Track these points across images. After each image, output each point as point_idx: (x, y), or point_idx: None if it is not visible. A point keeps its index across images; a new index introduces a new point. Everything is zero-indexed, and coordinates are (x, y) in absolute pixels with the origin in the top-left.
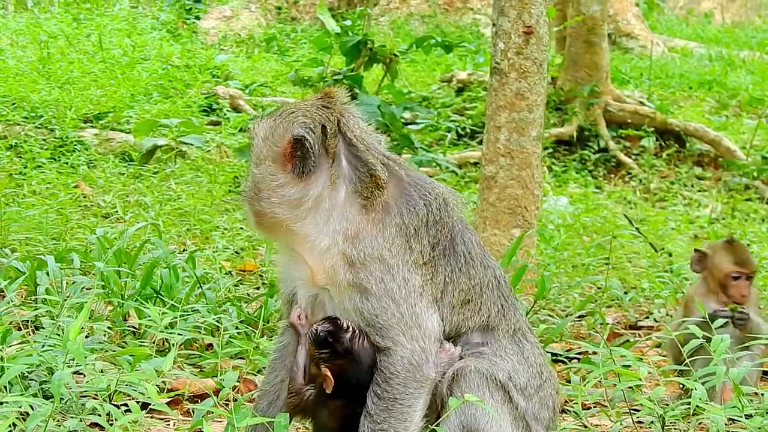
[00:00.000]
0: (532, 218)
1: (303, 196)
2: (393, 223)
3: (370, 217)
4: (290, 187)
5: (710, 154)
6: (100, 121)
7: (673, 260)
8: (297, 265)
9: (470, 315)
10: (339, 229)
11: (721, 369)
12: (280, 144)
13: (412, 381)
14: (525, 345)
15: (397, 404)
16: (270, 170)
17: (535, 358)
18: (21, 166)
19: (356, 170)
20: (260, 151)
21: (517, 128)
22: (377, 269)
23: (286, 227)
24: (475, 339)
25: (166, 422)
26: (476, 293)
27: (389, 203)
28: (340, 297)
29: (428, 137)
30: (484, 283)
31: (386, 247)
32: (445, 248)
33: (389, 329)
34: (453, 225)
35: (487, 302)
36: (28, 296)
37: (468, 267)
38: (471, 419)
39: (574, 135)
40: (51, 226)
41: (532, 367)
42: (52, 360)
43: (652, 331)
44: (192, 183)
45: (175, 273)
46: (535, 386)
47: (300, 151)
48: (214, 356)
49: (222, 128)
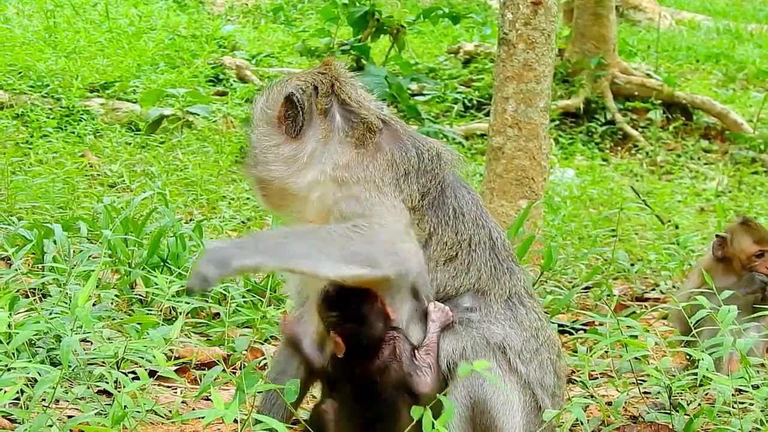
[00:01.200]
0: (539, 189)
1: (298, 153)
2: (384, 159)
3: (361, 151)
4: (285, 146)
5: (717, 127)
6: (106, 90)
7: (680, 233)
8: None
9: (456, 274)
10: (327, 161)
11: (728, 340)
12: (274, 107)
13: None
14: (519, 309)
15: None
16: (265, 132)
17: (530, 322)
18: (27, 135)
19: (350, 122)
20: (257, 118)
21: (525, 99)
22: (368, 189)
23: (287, 189)
24: (465, 303)
25: (173, 390)
26: (463, 251)
27: (381, 144)
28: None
29: (435, 108)
30: (475, 242)
31: (378, 175)
32: (434, 199)
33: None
34: (444, 178)
35: (477, 262)
36: (35, 264)
37: (456, 222)
38: (478, 390)
39: (580, 107)
40: (58, 195)
41: (526, 331)
42: (59, 327)
43: (659, 303)
44: (198, 153)
45: (182, 242)
46: (531, 350)
47: (291, 110)
48: (221, 325)
49: (228, 98)
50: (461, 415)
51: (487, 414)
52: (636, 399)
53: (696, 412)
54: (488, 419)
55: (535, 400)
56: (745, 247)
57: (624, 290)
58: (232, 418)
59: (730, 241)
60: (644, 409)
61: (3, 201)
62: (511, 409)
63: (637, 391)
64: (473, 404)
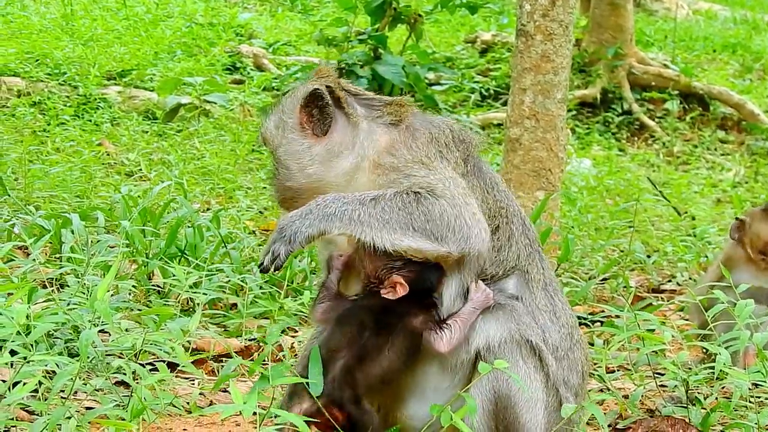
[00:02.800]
0: (556, 181)
1: (331, 148)
2: (423, 136)
3: (399, 131)
4: (316, 146)
5: (734, 117)
6: (123, 78)
7: (696, 224)
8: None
9: (501, 247)
10: (368, 147)
11: (745, 334)
12: (293, 116)
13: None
14: (557, 303)
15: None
16: (291, 141)
17: (567, 318)
18: (44, 123)
19: (373, 108)
20: (276, 136)
21: (543, 90)
22: (419, 169)
23: (325, 188)
24: (510, 289)
25: (191, 381)
26: (503, 221)
27: (414, 124)
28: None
29: (452, 98)
30: (510, 213)
31: (423, 153)
32: (474, 166)
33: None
34: (476, 147)
35: (515, 235)
36: (52, 254)
37: (495, 191)
38: (503, 385)
39: (597, 97)
40: (75, 183)
41: (564, 328)
42: (78, 318)
43: (675, 295)
44: (215, 142)
45: (200, 232)
46: (565, 348)
47: (314, 108)
48: (238, 316)
49: (246, 87)
50: (484, 408)
51: (510, 409)
52: (653, 392)
53: (713, 406)
54: (511, 415)
55: (558, 398)
56: (762, 233)
57: (640, 282)
58: (251, 412)
59: (748, 225)
60: (661, 402)
61: (20, 190)
62: (534, 407)
63: (653, 384)
64: (497, 398)
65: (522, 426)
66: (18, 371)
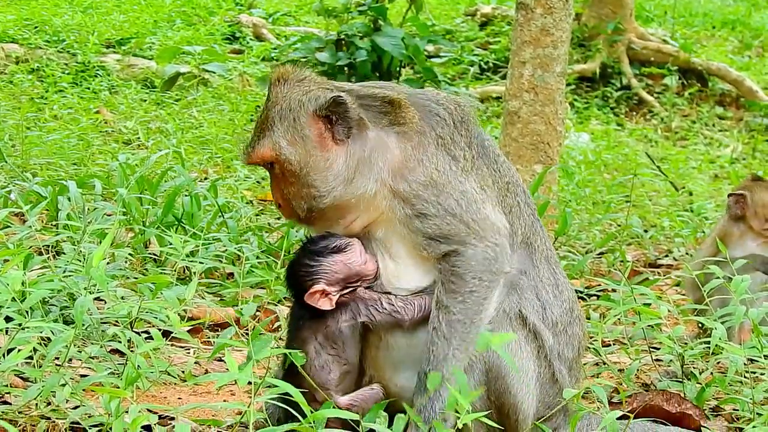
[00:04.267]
0: (554, 154)
1: (348, 162)
2: (431, 140)
3: (411, 143)
4: (336, 160)
5: (732, 93)
6: (122, 46)
7: (694, 199)
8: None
9: (515, 220)
10: (383, 166)
11: (741, 309)
12: (312, 129)
13: (488, 273)
14: (559, 277)
15: (473, 296)
16: (318, 158)
17: (568, 292)
18: (42, 90)
19: (371, 107)
20: (297, 155)
21: (542, 64)
22: (431, 194)
23: (343, 204)
24: (514, 263)
25: (186, 350)
26: (513, 193)
27: (421, 126)
28: (386, 229)
29: (451, 71)
30: (514, 182)
31: (433, 168)
32: (478, 146)
33: (455, 236)
34: (474, 122)
35: (521, 206)
36: (49, 221)
37: (498, 164)
38: (494, 355)
39: (596, 72)
40: (72, 151)
41: (565, 303)
42: (73, 286)
43: (672, 270)
44: (214, 111)
45: (197, 201)
46: (565, 323)
47: (335, 115)
48: (234, 285)
49: (245, 57)
50: (476, 379)
51: (501, 380)
52: (648, 367)
53: (708, 381)
54: (502, 385)
55: (552, 370)
56: (765, 201)
57: (637, 256)
58: (245, 381)
59: (749, 198)
60: (656, 377)
61: (17, 157)
62: (525, 377)
63: (649, 358)
64: (488, 369)
65: (513, 396)
66: (13, 338)
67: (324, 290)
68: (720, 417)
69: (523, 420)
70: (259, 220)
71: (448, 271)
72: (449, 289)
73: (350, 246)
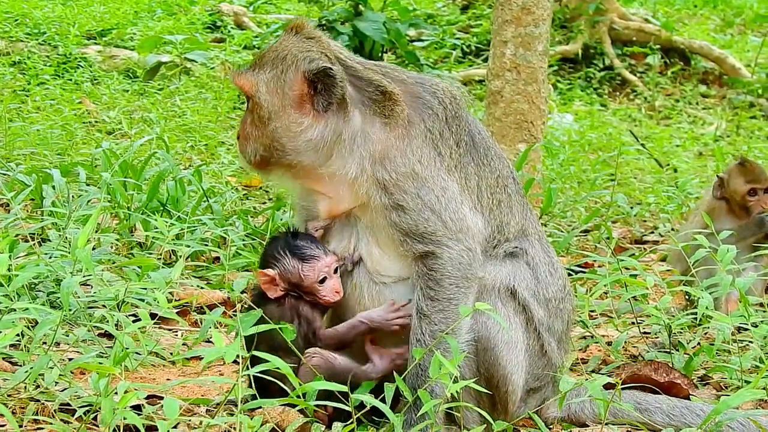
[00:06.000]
0: (538, 133)
1: (324, 135)
2: (418, 133)
3: (395, 133)
4: (312, 128)
5: (715, 71)
6: (103, 37)
7: (679, 176)
8: (314, 198)
9: (505, 216)
10: (365, 154)
11: (727, 279)
12: (294, 88)
13: (464, 280)
14: (552, 256)
15: (452, 304)
16: (291, 118)
17: (561, 270)
18: (24, 83)
19: (364, 91)
20: (272, 105)
21: (524, 43)
22: (411, 186)
23: (312, 171)
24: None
25: (174, 333)
26: (502, 187)
27: (410, 116)
28: (371, 218)
29: (433, 54)
30: (504, 175)
31: (416, 160)
32: (466, 143)
33: (431, 235)
34: (467, 117)
35: (513, 197)
36: (34, 210)
37: (489, 159)
38: (482, 327)
39: (579, 53)
40: (56, 141)
41: (560, 280)
42: (59, 269)
43: (658, 246)
44: (197, 99)
45: (182, 186)
46: (558, 299)
47: (321, 84)
48: (221, 268)
49: (226, 45)
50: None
51: (490, 351)
52: (636, 339)
53: (696, 350)
54: (492, 356)
55: (540, 342)
56: (738, 186)
57: (623, 233)
58: (233, 357)
59: (727, 182)
60: (644, 348)
61: (1, 147)
62: (515, 349)
63: (636, 331)
64: (476, 341)
65: (503, 367)
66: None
67: (273, 279)
68: (708, 386)
69: (513, 391)
70: (245, 204)
71: (425, 275)
72: (428, 296)
73: (314, 261)
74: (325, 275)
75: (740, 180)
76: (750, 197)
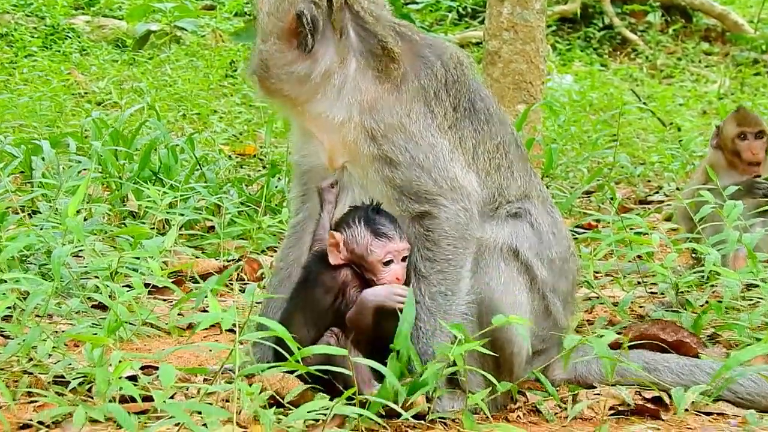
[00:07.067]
0: (537, 93)
1: (311, 72)
2: (411, 88)
3: (385, 87)
4: (297, 63)
5: (717, 28)
6: (91, 7)
7: (682, 134)
8: (312, 148)
9: (505, 180)
10: (353, 102)
11: (734, 235)
12: (284, 19)
13: (461, 240)
14: (556, 217)
15: (450, 265)
16: (276, 47)
17: (565, 231)
18: (12, 55)
19: (367, 43)
20: (266, 26)
21: (520, 1)
22: (400, 138)
23: (297, 105)
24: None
25: (169, 303)
26: (502, 153)
27: (406, 72)
28: (364, 171)
29: (429, 17)
30: (506, 142)
31: (405, 113)
32: (465, 109)
33: (425, 194)
34: (470, 83)
35: (515, 163)
36: (23, 182)
37: (490, 125)
38: (485, 288)
39: (577, 12)
40: (44, 113)
41: (564, 240)
42: (50, 240)
43: (663, 206)
44: (188, 68)
45: (174, 154)
46: (563, 259)
47: (303, 26)
48: (216, 237)
49: (217, 13)
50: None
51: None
52: (642, 299)
53: (704, 308)
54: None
55: (545, 303)
56: (729, 130)
57: (627, 194)
58: (230, 323)
59: (721, 129)
60: (651, 307)
61: None
62: (519, 310)
63: (643, 290)
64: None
65: (507, 329)
66: None
67: (338, 243)
68: (718, 344)
69: (517, 353)
70: (239, 172)
71: (422, 235)
72: (425, 257)
73: (385, 239)
74: (392, 258)
75: (732, 123)
76: (740, 141)
